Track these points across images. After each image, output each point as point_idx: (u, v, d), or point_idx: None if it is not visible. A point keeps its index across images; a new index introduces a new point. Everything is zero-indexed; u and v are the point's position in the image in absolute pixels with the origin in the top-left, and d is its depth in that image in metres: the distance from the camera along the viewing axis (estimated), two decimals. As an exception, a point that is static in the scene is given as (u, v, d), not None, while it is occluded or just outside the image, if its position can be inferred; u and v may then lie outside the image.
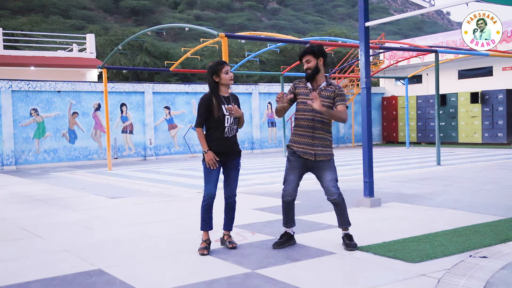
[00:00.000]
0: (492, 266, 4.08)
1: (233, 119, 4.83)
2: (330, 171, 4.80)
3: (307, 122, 4.76)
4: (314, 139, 4.75)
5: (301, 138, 4.79)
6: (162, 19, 60.54)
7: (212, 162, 4.74)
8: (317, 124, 4.75)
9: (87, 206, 7.92)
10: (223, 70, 4.81)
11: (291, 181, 4.87)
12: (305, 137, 4.77)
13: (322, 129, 4.78)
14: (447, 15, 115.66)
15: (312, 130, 4.75)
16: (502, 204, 6.94)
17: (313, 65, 4.76)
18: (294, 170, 4.85)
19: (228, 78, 4.84)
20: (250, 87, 21.17)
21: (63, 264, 4.59)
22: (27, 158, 16.41)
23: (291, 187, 4.87)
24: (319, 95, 4.74)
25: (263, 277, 4.02)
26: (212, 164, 4.74)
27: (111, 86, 17.81)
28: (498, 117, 19.99)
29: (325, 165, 4.79)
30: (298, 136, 4.82)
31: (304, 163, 4.82)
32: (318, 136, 4.76)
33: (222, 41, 9.42)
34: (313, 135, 4.75)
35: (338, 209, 4.85)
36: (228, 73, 4.84)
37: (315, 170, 4.83)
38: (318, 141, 4.76)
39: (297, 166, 4.84)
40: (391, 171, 11.71)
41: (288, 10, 79.44)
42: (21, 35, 32.91)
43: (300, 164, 4.83)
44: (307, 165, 4.83)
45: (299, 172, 4.86)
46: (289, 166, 4.90)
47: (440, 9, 7.82)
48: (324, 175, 4.79)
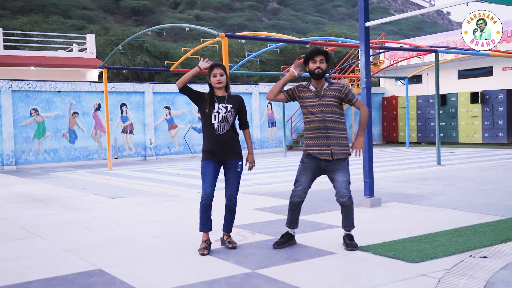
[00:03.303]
0: (492, 266, 4.08)
1: (223, 116, 4.81)
2: (343, 172, 4.77)
3: (318, 124, 4.72)
4: (329, 138, 4.72)
5: (315, 140, 4.75)
6: (162, 19, 60.53)
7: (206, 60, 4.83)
8: (329, 124, 4.72)
9: (87, 206, 7.92)
10: (212, 72, 4.85)
11: (303, 182, 4.85)
12: (319, 138, 4.74)
13: (335, 128, 4.75)
14: (447, 15, 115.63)
15: (325, 130, 4.72)
16: (502, 204, 6.94)
17: (325, 67, 4.75)
18: (307, 172, 4.83)
19: (214, 81, 4.85)
20: (250, 87, 21.17)
21: (63, 264, 4.59)
22: (27, 158, 16.41)
23: (301, 189, 4.86)
24: (325, 95, 4.73)
25: (264, 277, 4.02)
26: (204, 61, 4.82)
27: (111, 86, 17.81)
28: (498, 117, 19.99)
29: (340, 166, 4.76)
30: (312, 139, 4.78)
31: (318, 165, 4.78)
32: (332, 135, 4.73)
33: (222, 41, 9.42)
34: (327, 135, 4.72)
35: (346, 211, 4.84)
36: (216, 76, 4.83)
37: (329, 172, 4.80)
38: (334, 140, 4.73)
39: (310, 168, 4.82)
40: (391, 171, 11.71)
41: (288, 10, 79.42)
42: (22, 35, 32.92)
43: (314, 166, 4.80)
44: (320, 168, 4.79)
45: (312, 174, 4.83)
46: (302, 167, 4.87)
47: (440, 9, 7.82)
48: (337, 176, 4.77)
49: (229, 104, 4.85)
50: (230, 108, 4.84)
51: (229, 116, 4.83)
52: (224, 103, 4.84)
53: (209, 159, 4.86)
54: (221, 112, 4.80)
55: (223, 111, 4.81)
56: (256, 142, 21.03)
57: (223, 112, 4.80)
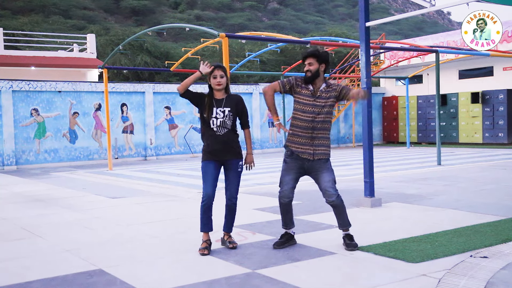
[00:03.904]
0: (492, 266, 4.08)
1: (222, 120, 4.80)
2: (328, 172, 4.77)
3: (307, 123, 4.73)
4: (314, 139, 4.74)
5: (300, 138, 4.76)
6: (162, 19, 60.55)
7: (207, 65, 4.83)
8: (318, 125, 4.73)
9: (87, 206, 7.92)
10: (212, 74, 4.84)
11: (287, 182, 4.84)
12: (304, 137, 4.75)
13: (322, 128, 4.76)
14: (447, 15, 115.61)
15: (312, 131, 4.73)
16: (502, 204, 6.94)
17: (314, 68, 4.74)
18: (291, 172, 4.83)
19: (214, 83, 4.85)
20: (251, 87, 21.17)
21: (63, 264, 4.59)
22: (28, 158, 16.42)
23: (287, 189, 4.85)
24: (320, 96, 4.74)
25: (264, 277, 4.02)
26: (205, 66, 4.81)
27: (112, 86, 17.82)
28: (499, 117, 19.99)
29: (322, 167, 4.76)
30: (297, 136, 4.79)
31: (301, 165, 4.79)
32: (317, 136, 4.75)
33: (222, 41, 9.42)
34: (312, 135, 4.73)
35: (337, 211, 4.83)
36: (216, 78, 4.83)
37: (312, 172, 4.80)
38: (318, 140, 4.75)
39: (293, 168, 4.82)
40: (391, 171, 11.71)
41: (288, 10, 79.42)
42: (22, 35, 32.93)
43: (297, 166, 4.80)
44: (304, 167, 4.80)
45: (295, 174, 4.84)
46: (285, 167, 4.88)
47: (440, 9, 7.82)
48: (321, 176, 4.77)
49: (226, 108, 4.83)
50: (228, 112, 4.82)
51: (227, 120, 4.82)
52: (222, 107, 4.82)
53: (210, 159, 4.87)
54: (219, 117, 4.80)
55: (221, 116, 4.80)
56: (256, 142, 21.02)
57: (221, 117, 4.80)
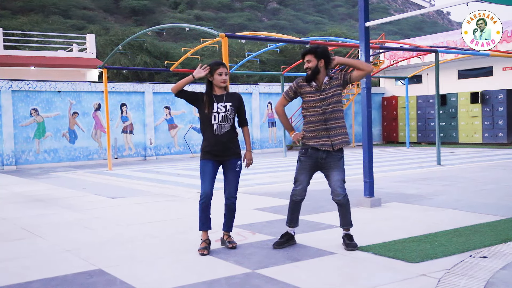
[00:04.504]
0: (492, 266, 4.08)
1: (223, 116, 4.82)
2: (339, 171, 4.81)
3: (319, 117, 4.75)
4: (329, 130, 4.76)
5: (316, 132, 4.79)
6: (162, 19, 60.53)
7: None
8: (330, 115, 4.75)
9: (87, 206, 7.92)
10: (217, 71, 4.83)
11: (302, 181, 4.89)
12: (319, 130, 4.77)
13: (335, 117, 4.78)
14: (447, 15, 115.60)
15: (325, 122, 4.76)
16: (502, 204, 6.94)
17: (313, 65, 4.76)
18: (305, 171, 4.88)
19: (219, 80, 4.84)
20: (250, 87, 21.18)
21: (63, 264, 4.59)
22: (28, 158, 16.41)
23: (301, 187, 4.90)
24: (325, 89, 4.76)
25: (264, 277, 4.02)
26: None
27: (111, 86, 17.81)
28: (498, 117, 19.99)
29: (336, 164, 4.79)
30: (312, 132, 4.81)
31: (315, 162, 4.82)
32: (332, 126, 4.77)
33: (222, 41, 9.42)
34: (327, 126, 4.76)
35: (342, 210, 4.87)
36: (221, 75, 4.83)
37: (325, 169, 4.84)
38: (334, 131, 4.77)
39: (307, 167, 4.86)
40: (391, 171, 11.71)
41: (288, 10, 79.39)
42: (22, 35, 32.91)
43: (311, 164, 4.84)
44: (318, 164, 4.83)
45: (309, 172, 4.89)
46: (300, 166, 4.91)
47: (440, 9, 7.82)
48: (332, 174, 4.81)
49: (228, 103, 4.85)
50: (229, 106, 4.84)
51: (229, 115, 4.83)
52: (223, 102, 4.84)
53: (208, 159, 4.87)
54: (220, 112, 4.81)
55: (222, 111, 4.81)
56: (256, 142, 21.03)
57: (223, 111, 4.81)
